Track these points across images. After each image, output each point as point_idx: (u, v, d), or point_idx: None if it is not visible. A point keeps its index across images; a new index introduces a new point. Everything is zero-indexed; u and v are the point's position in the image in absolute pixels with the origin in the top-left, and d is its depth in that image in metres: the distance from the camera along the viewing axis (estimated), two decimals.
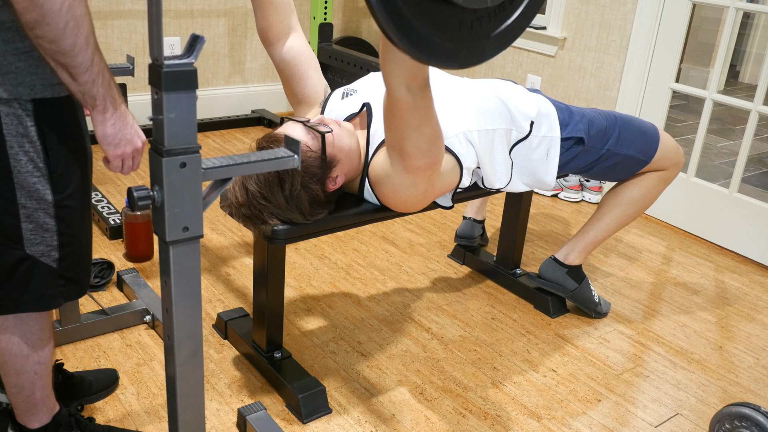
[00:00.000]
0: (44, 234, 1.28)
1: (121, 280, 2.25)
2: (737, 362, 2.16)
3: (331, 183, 1.67)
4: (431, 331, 2.19)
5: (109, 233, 2.58)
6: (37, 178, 1.24)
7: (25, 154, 1.21)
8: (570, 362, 2.09)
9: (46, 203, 1.26)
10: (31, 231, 1.26)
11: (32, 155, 1.22)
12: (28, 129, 1.20)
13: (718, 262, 2.82)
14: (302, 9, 4.15)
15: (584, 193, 3.35)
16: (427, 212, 3.01)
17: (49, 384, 1.45)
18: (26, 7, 1.05)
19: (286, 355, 1.90)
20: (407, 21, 1.04)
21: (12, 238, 1.26)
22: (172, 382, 1.31)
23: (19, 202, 1.24)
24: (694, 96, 3.16)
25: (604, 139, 2.07)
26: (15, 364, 1.37)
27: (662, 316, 2.38)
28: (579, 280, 2.29)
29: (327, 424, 1.76)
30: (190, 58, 1.09)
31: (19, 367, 1.38)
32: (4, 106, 1.17)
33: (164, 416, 1.73)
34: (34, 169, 1.23)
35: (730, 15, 2.83)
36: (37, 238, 1.27)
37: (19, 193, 1.23)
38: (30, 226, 1.26)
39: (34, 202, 1.25)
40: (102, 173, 3.11)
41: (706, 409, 1.93)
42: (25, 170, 1.22)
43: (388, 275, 2.51)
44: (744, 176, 3.05)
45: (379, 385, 1.91)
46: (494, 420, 1.82)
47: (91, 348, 1.97)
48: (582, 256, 2.29)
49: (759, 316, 2.44)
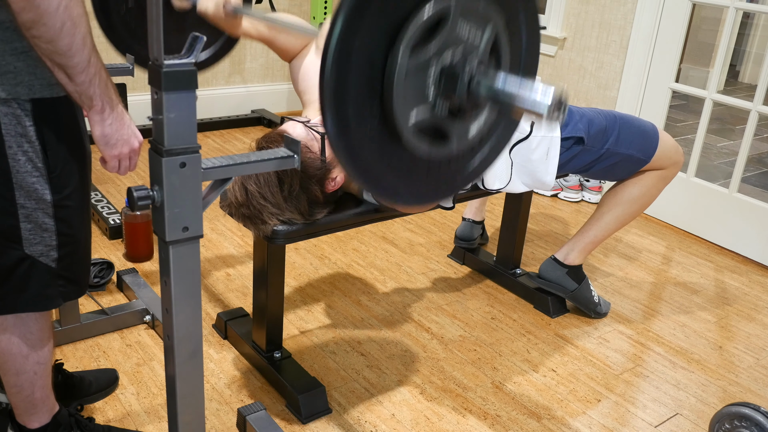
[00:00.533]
0: (43, 234, 1.27)
1: (120, 280, 2.25)
2: (737, 362, 2.16)
3: (330, 183, 1.67)
4: (431, 331, 2.19)
5: (108, 233, 2.58)
6: (36, 178, 1.23)
7: (24, 154, 1.21)
8: (570, 362, 2.09)
9: (44, 203, 1.26)
10: (30, 231, 1.26)
11: (31, 155, 1.22)
12: (26, 129, 1.20)
13: (718, 262, 2.82)
14: (302, 9, 4.15)
15: (584, 193, 3.35)
16: (427, 212, 3.01)
17: (48, 384, 1.45)
18: (23, 8, 1.05)
19: (286, 355, 1.90)
20: (374, 172, 1.09)
21: (11, 238, 1.26)
22: (172, 382, 1.31)
23: (18, 202, 1.23)
24: (694, 96, 3.16)
25: (604, 138, 2.07)
26: (15, 364, 1.37)
27: (662, 316, 2.38)
28: (579, 280, 2.29)
29: (327, 424, 1.76)
30: (189, 58, 1.09)
31: (19, 367, 1.38)
32: (3, 106, 1.17)
33: (164, 416, 1.73)
34: (33, 169, 1.23)
35: (730, 15, 2.83)
36: (36, 238, 1.27)
37: (18, 193, 1.23)
38: (29, 226, 1.26)
39: (33, 202, 1.25)
40: (102, 173, 3.11)
41: (706, 409, 1.93)
42: (23, 170, 1.22)
43: (388, 275, 2.51)
44: (744, 176, 3.05)
45: (379, 385, 1.91)
46: (494, 420, 1.82)
47: (91, 348, 1.97)
48: (582, 255, 2.29)
49: (759, 316, 2.44)
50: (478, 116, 1.16)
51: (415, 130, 1.08)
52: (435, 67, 1.06)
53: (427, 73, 1.06)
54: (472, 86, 1.05)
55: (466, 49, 1.08)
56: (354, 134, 1.04)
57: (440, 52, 1.06)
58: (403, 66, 1.02)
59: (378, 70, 1.03)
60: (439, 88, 1.07)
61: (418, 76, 1.05)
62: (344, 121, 1.02)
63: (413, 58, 1.04)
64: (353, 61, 1.00)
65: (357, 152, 1.05)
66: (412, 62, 1.04)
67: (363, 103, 1.04)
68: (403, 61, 1.02)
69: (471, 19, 1.09)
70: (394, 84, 1.02)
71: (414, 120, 1.07)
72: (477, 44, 1.10)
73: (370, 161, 1.08)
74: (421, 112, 1.08)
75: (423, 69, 1.05)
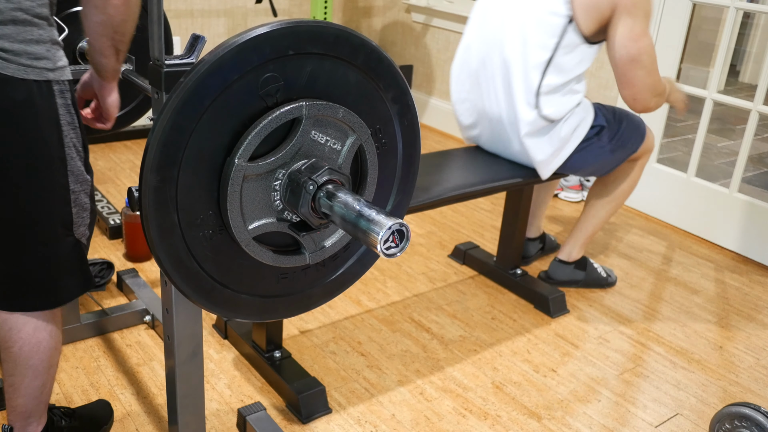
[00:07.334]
0: (83, 214, 1.30)
1: (120, 280, 2.25)
2: (737, 362, 2.16)
3: None
4: (431, 331, 2.19)
5: (109, 233, 2.58)
6: (79, 162, 1.27)
7: (71, 140, 1.24)
8: (570, 362, 2.09)
9: (87, 184, 1.29)
10: (77, 214, 1.28)
11: (74, 140, 1.25)
12: (72, 115, 1.24)
13: (718, 262, 2.82)
14: (302, 9, 4.15)
15: (584, 193, 3.35)
16: (427, 212, 3.01)
17: None
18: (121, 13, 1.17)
19: (286, 354, 1.90)
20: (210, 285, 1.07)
21: (66, 225, 1.27)
22: (172, 382, 1.31)
23: (71, 188, 1.26)
24: (695, 96, 3.15)
25: (610, 133, 2.18)
26: (49, 358, 1.34)
27: (662, 316, 2.38)
28: (584, 267, 2.47)
29: (327, 424, 1.76)
30: (190, 58, 1.09)
31: (52, 360, 1.36)
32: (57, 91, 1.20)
33: (164, 416, 1.73)
34: (77, 153, 1.26)
35: (730, 15, 2.83)
36: (80, 220, 1.29)
37: (71, 179, 1.25)
38: (76, 210, 1.28)
39: (79, 185, 1.27)
40: (101, 173, 3.11)
41: (706, 409, 1.93)
42: (73, 155, 1.25)
43: (388, 275, 2.51)
44: (744, 176, 3.05)
45: (379, 385, 1.91)
46: (494, 420, 1.82)
47: (91, 348, 1.97)
48: (582, 250, 2.46)
49: (759, 316, 2.44)
50: (335, 230, 1.11)
51: (256, 238, 1.04)
52: (282, 176, 1.02)
53: (270, 182, 1.02)
54: (316, 202, 1.00)
55: (317, 162, 1.03)
56: (185, 238, 1.01)
57: (288, 162, 1.02)
58: (239, 172, 0.98)
59: (215, 174, 0.99)
60: (284, 199, 1.04)
61: (260, 184, 1.01)
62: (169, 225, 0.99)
63: (255, 166, 0.99)
64: (185, 159, 0.96)
65: (181, 257, 1.02)
66: (253, 170, 0.99)
67: (195, 207, 1.00)
68: (239, 167, 0.98)
69: (328, 129, 1.04)
70: (228, 190, 0.98)
71: (255, 227, 1.03)
72: (333, 157, 1.06)
73: (204, 267, 1.05)
74: (264, 221, 1.04)
75: (266, 177, 1.01)
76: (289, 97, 1.01)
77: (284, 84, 1.00)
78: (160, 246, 0.99)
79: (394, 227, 0.90)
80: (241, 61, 0.94)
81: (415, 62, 4.34)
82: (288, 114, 0.99)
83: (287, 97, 1.01)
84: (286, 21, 0.97)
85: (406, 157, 1.19)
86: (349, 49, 1.04)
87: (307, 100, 1.00)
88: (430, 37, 4.21)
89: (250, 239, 1.03)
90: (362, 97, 1.09)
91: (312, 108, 1.00)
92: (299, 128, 1.01)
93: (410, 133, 1.17)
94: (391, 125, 1.14)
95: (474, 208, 3.15)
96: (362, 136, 1.07)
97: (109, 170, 3.18)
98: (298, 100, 1.00)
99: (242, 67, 0.95)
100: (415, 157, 1.19)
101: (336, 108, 1.03)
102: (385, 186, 1.18)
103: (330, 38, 1.01)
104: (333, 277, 1.20)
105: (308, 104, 1.00)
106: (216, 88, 0.94)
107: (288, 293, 1.16)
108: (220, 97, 0.95)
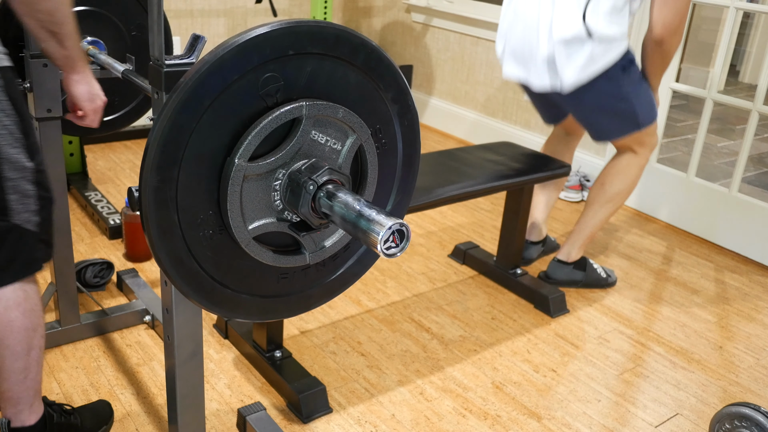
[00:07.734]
0: (26, 201, 1.30)
1: (120, 280, 2.25)
2: (737, 362, 2.16)
3: None
4: (431, 331, 2.19)
5: (108, 233, 2.58)
6: (16, 149, 1.27)
7: (4, 127, 1.24)
8: (570, 362, 2.08)
9: (26, 171, 1.29)
10: (16, 201, 1.29)
11: (9, 126, 1.25)
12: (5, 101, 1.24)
13: (718, 262, 2.82)
14: (302, 9, 4.15)
15: (584, 193, 3.35)
16: (426, 212, 3.01)
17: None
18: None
19: (286, 354, 1.90)
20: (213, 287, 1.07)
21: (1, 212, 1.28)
22: (172, 382, 1.31)
23: (5, 175, 1.26)
24: (695, 96, 3.16)
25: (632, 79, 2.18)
26: (25, 340, 1.35)
27: (662, 316, 2.38)
28: (584, 267, 2.46)
29: (327, 423, 1.76)
30: (190, 58, 1.09)
31: (29, 342, 1.36)
32: None
33: (164, 416, 1.73)
34: (13, 140, 1.26)
35: (730, 15, 2.83)
36: (21, 207, 1.30)
37: (5, 166, 1.26)
38: (14, 197, 1.29)
39: (17, 172, 1.28)
40: (101, 173, 3.11)
41: (706, 409, 1.93)
42: (5, 142, 1.25)
43: (388, 275, 2.51)
44: (744, 176, 3.05)
45: (379, 385, 1.91)
46: (494, 420, 1.82)
47: (91, 348, 1.97)
48: (581, 250, 2.45)
49: (759, 316, 2.44)
50: (335, 230, 1.11)
51: (256, 238, 1.04)
52: (282, 176, 1.02)
53: (270, 183, 1.02)
54: (316, 202, 1.01)
55: (317, 162, 1.03)
56: (185, 238, 1.01)
57: (288, 162, 1.02)
58: (239, 172, 0.98)
59: (215, 174, 0.99)
60: (284, 198, 1.04)
61: (260, 184, 1.01)
62: (169, 225, 0.99)
63: (255, 166, 0.99)
64: (185, 159, 0.96)
65: (181, 257, 1.02)
66: (253, 170, 0.99)
67: (195, 207, 1.00)
68: (239, 167, 0.97)
69: (328, 129, 1.04)
70: (229, 190, 0.98)
71: (255, 227, 1.03)
72: (334, 157, 1.06)
73: (204, 267, 1.05)
74: (264, 221, 1.04)
75: (266, 177, 1.01)
76: (289, 97, 1.01)
77: (284, 84, 1.00)
78: (160, 246, 0.99)
79: (394, 227, 0.90)
80: (241, 61, 0.94)
81: (415, 62, 4.34)
82: (288, 114, 0.99)
83: (287, 97, 1.01)
84: (286, 21, 0.97)
85: (406, 157, 1.19)
86: (349, 49, 1.04)
87: (307, 100, 1.00)
88: (430, 37, 4.21)
89: (250, 239, 1.03)
90: (362, 97, 1.09)
91: (312, 108, 1.01)
92: (299, 128, 1.01)
93: (410, 133, 1.17)
94: (391, 125, 1.14)
95: (474, 208, 3.15)
96: (362, 136, 1.07)
97: (109, 170, 3.18)
98: (298, 100, 1.00)
99: (242, 67, 0.95)
100: (415, 157, 1.19)
101: (336, 108, 1.03)
102: (385, 186, 1.18)
103: (330, 38, 1.01)
104: (333, 277, 1.20)
105: (308, 104, 1.00)
106: (216, 88, 0.94)
107: (288, 293, 1.16)
108: (220, 97, 0.95)
